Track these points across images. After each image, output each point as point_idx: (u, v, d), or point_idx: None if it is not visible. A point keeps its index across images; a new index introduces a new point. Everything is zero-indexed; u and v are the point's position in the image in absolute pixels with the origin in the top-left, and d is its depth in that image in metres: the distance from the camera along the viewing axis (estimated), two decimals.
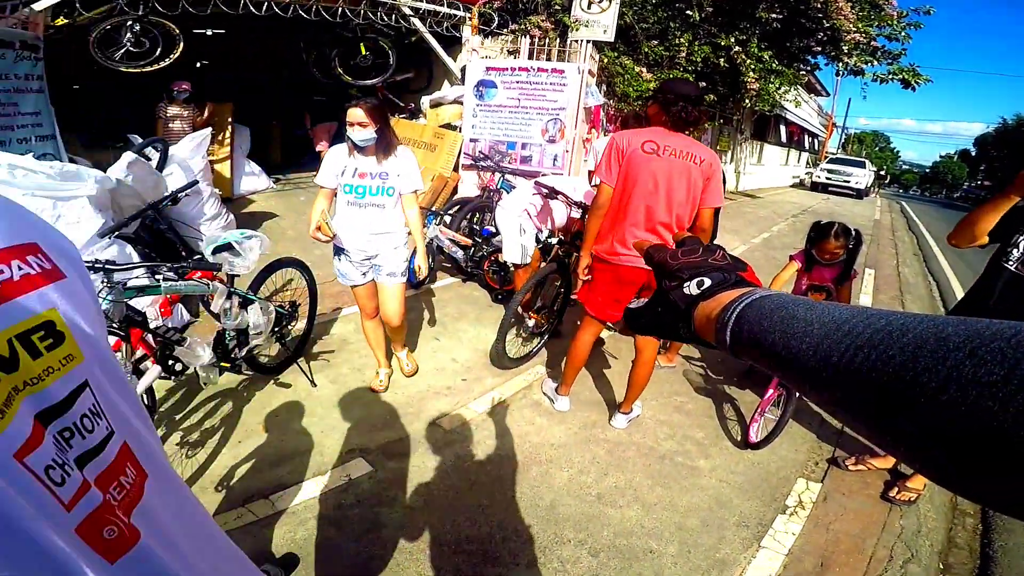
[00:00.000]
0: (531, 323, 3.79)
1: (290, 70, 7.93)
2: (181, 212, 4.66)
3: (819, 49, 9.90)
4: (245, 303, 2.88)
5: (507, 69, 6.01)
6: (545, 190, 3.76)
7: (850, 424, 0.39)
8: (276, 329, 3.20)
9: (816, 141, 29.31)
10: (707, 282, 0.58)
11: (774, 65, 8.81)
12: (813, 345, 0.39)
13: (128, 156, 3.60)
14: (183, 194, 3.57)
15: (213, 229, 4.87)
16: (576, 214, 3.78)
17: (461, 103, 6.57)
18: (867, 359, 0.35)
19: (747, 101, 9.53)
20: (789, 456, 3.05)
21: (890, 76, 9.58)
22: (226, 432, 2.84)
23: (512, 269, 4.21)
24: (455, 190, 6.61)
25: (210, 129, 4.94)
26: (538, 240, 3.95)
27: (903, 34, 9.30)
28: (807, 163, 26.95)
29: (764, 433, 2.97)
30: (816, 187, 20.23)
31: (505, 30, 6.84)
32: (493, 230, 4.77)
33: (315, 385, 3.32)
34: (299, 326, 3.62)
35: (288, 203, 6.73)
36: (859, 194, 19.95)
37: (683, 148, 2.58)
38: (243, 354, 2.91)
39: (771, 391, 3.09)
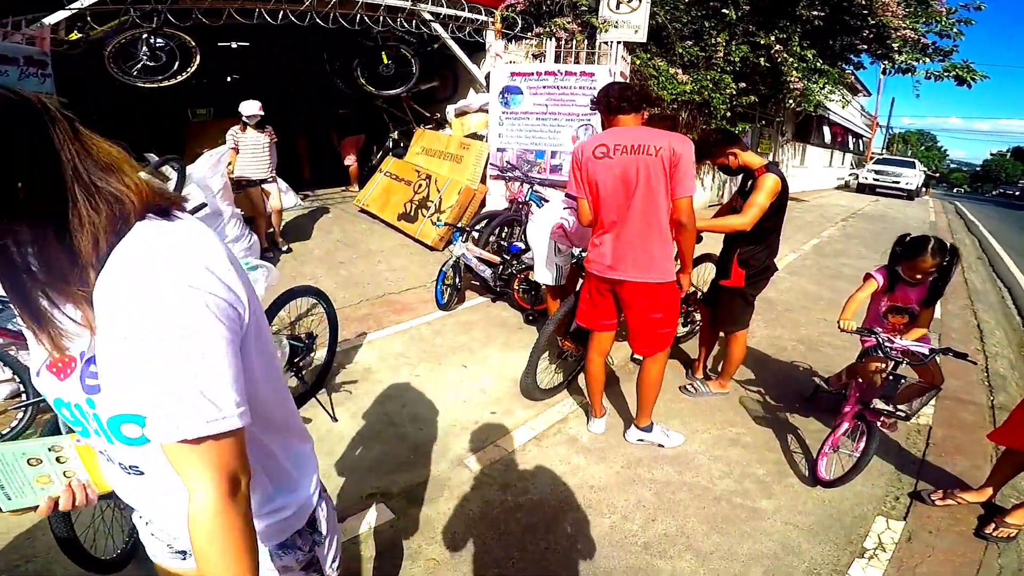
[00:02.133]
0: (564, 350, 3.46)
1: (316, 83, 7.87)
2: None
3: (864, 47, 9.54)
4: None
5: (533, 74, 5.74)
6: (575, 203, 3.46)
7: None
8: (292, 363, 2.99)
9: (860, 142, 28.20)
10: None
11: (818, 64, 8.37)
12: None
13: (143, 177, 3.46)
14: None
15: (236, 251, 4.73)
16: None
17: (487, 111, 6.34)
18: None
19: (790, 101, 9.07)
20: (865, 492, 2.70)
21: (944, 73, 9.29)
22: None
23: (544, 288, 3.90)
24: (483, 203, 6.37)
25: (228, 146, 4.88)
26: (572, 256, 3.64)
27: (954, 30, 9.04)
28: (852, 164, 25.88)
29: (838, 470, 2.64)
30: (863, 189, 19.32)
31: (529, 33, 6.60)
32: (523, 246, 4.49)
33: (335, 420, 3.11)
34: (319, 355, 3.41)
35: (316, 221, 6.61)
36: (909, 195, 18.94)
37: (636, 142, 2.39)
38: None
39: (845, 423, 2.72)
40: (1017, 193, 49.13)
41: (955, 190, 52.82)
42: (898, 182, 18.82)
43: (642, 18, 5.88)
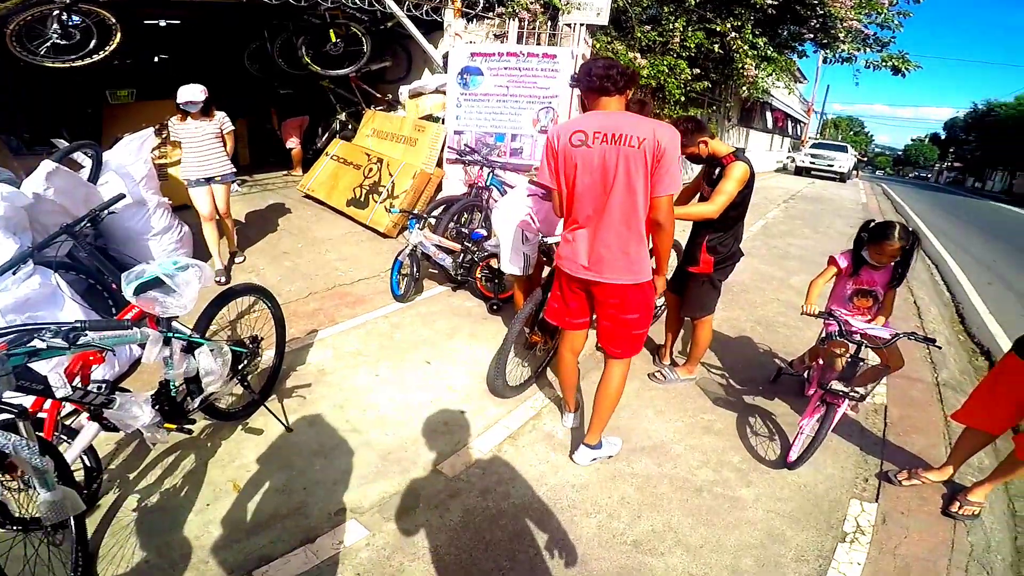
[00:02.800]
0: (532, 344, 3.33)
1: (256, 62, 7.31)
2: (124, 228, 4.09)
3: (811, 36, 9.84)
4: (191, 347, 2.38)
5: (494, 54, 5.50)
6: (542, 190, 3.29)
7: None
8: (236, 370, 2.69)
9: (798, 127, 29.39)
10: None
11: (768, 52, 8.54)
12: None
13: (47, 165, 3.02)
14: (106, 212, 2.92)
15: (164, 244, 4.33)
16: None
17: (443, 92, 6.05)
18: None
19: (744, 89, 9.22)
20: (836, 475, 2.75)
21: (882, 63, 9.77)
22: (190, 493, 2.41)
23: (510, 278, 3.73)
24: (439, 188, 6.11)
25: (152, 129, 4.33)
26: (539, 244, 3.49)
27: (895, 22, 9.43)
28: (789, 148, 26.92)
29: (801, 450, 2.72)
30: (800, 171, 20.17)
31: (491, 13, 6.34)
32: (484, 233, 4.30)
33: (290, 429, 2.86)
34: (267, 356, 3.14)
35: (256, 208, 6.16)
36: (842, 178, 19.99)
37: (617, 131, 2.14)
38: (197, 405, 2.42)
39: (814, 410, 2.79)
40: (930, 176, 52.92)
41: (876, 172, 56.20)
42: (832, 165, 19.79)
43: (605, 1, 5.75)
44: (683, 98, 8.09)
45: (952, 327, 5.44)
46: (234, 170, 4.65)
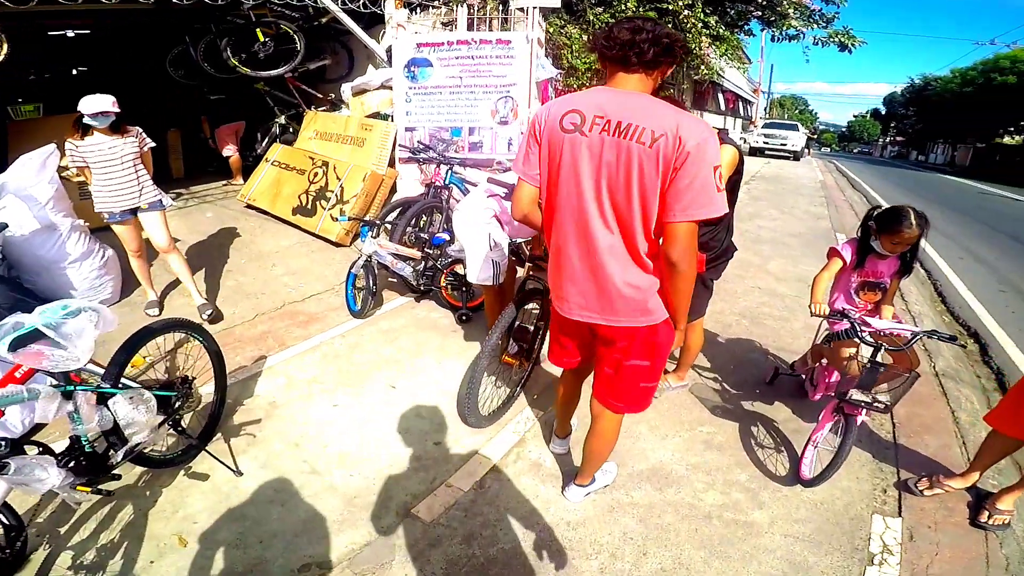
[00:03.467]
0: (505, 367, 2.94)
1: (181, 68, 6.69)
2: (35, 256, 3.56)
3: (758, 14, 9.75)
4: (103, 397, 1.98)
5: (443, 44, 5.08)
6: (503, 190, 2.93)
7: None
8: (167, 414, 2.29)
9: (748, 107, 29.85)
10: None
11: (720, 31, 8.38)
12: None
13: None
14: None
15: (85, 272, 3.81)
16: None
17: (390, 88, 5.61)
18: None
19: (703, 69, 9.06)
20: (852, 488, 2.52)
21: (828, 39, 9.81)
22: (131, 549, 2.10)
23: (479, 288, 3.35)
24: (393, 189, 5.68)
25: (54, 145, 3.73)
26: (509, 246, 3.13)
27: None
28: (741, 129, 27.28)
29: (817, 467, 2.44)
30: (754, 152, 20.39)
31: (436, 1, 5.91)
32: (447, 237, 3.92)
33: (240, 473, 2.47)
34: (206, 391, 2.73)
35: (192, 223, 5.60)
36: (795, 156, 20.32)
37: (625, 117, 1.56)
38: (121, 458, 2.05)
39: (827, 422, 2.51)
40: (874, 151, 54.88)
41: (823, 149, 57.97)
42: (785, 144, 20.10)
43: None
44: None
45: (934, 307, 5.35)
46: (162, 194, 3.82)
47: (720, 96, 20.94)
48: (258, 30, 5.81)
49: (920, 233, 2.44)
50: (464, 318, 3.91)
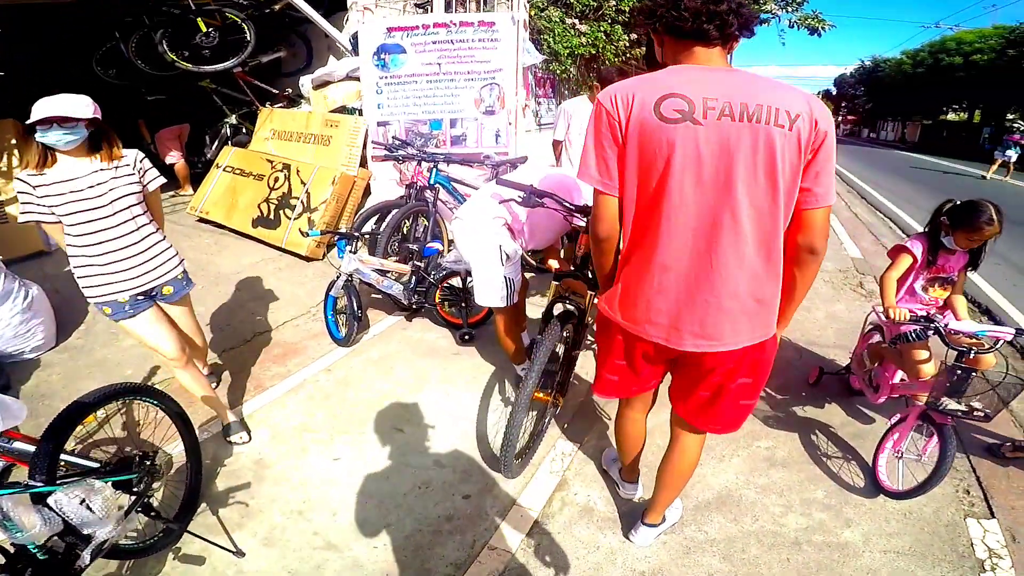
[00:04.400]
0: (536, 404, 2.45)
1: (112, 67, 5.89)
2: None
3: None
4: (38, 497, 1.54)
5: (417, 28, 4.51)
6: (518, 194, 2.27)
7: None
8: (131, 499, 1.83)
9: None
10: None
11: None
12: None
13: None
14: None
15: (5, 316, 3.12)
16: (581, 223, 2.44)
17: (357, 78, 5.01)
18: None
19: None
20: (935, 492, 2.24)
21: (799, 22, 9.74)
22: None
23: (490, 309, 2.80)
24: (367, 192, 5.10)
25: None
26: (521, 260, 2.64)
27: None
28: None
29: (908, 479, 2.27)
30: None
31: None
32: (439, 246, 3.39)
33: (242, 554, 1.98)
34: (176, 451, 2.18)
35: None
36: None
37: (753, 99, 1.26)
38: (90, 560, 1.63)
39: (908, 429, 2.30)
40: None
41: None
42: None
43: None
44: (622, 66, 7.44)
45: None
46: (184, 266, 2.55)
47: None
48: (199, 20, 5.12)
49: (1000, 229, 2.28)
50: (466, 337, 3.40)
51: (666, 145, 1.29)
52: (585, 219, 2.25)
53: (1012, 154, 13.17)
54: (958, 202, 2.41)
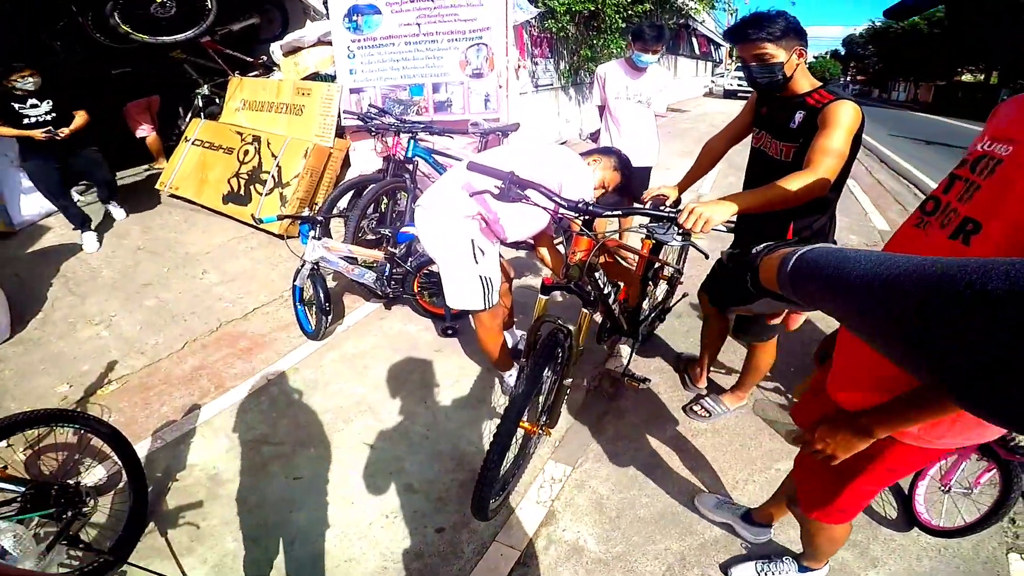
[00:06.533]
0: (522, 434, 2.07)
1: (76, 43, 5.43)
2: None
3: None
4: None
5: None
6: (493, 183, 1.74)
7: (885, 342, 0.43)
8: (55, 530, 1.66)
9: (719, 51, 29.18)
10: (771, 244, 0.73)
11: None
12: (864, 270, 0.45)
13: None
14: None
15: None
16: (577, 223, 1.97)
17: (329, 43, 4.55)
18: (909, 275, 0.40)
19: (694, 4, 8.14)
20: None
21: None
22: None
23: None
24: (346, 163, 4.70)
25: None
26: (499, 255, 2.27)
27: None
28: (711, 72, 26.57)
29: (953, 516, 1.97)
30: (728, 94, 19.72)
31: None
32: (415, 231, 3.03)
33: None
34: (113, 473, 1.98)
35: (102, 226, 4.53)
36: None
37: None
38: None
39: (961, 458, 1.93)
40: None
41: None
42: None
43: None
44: (623, 24, 6.90)
45: None
46: None
47: (694, 40, 20.05)
48: None
49: None
50: (449, 332, 3.07)
51: None
52: (582, 217, 1.83)
53: None
54: None
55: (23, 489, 1.69)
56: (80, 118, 3.95)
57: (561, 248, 2.43)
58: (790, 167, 1.77)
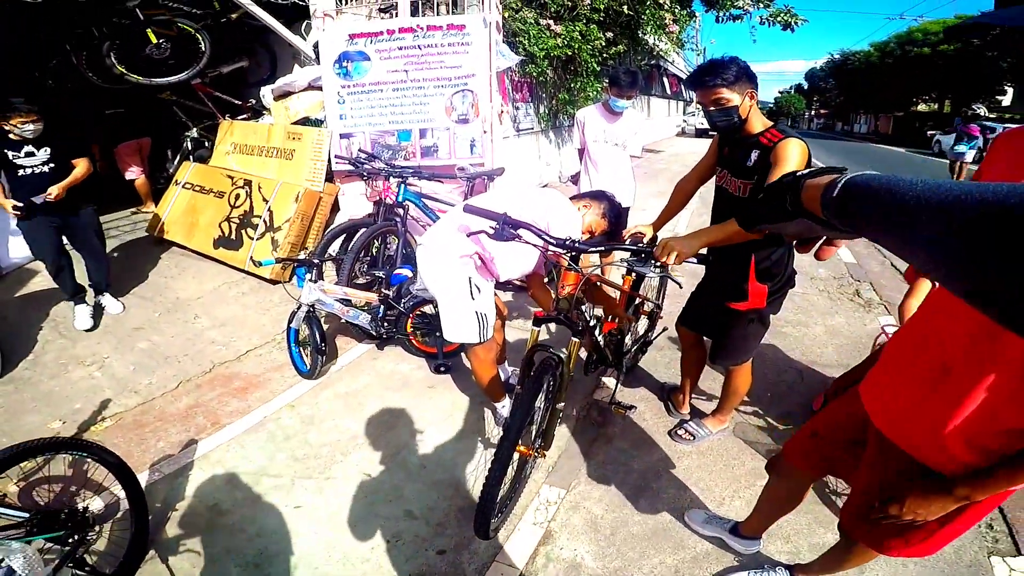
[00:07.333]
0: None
1: (67, 82, 5.57)
2: None
3: None
4: None
5: (382, 33, 4.27)
6: (489, 224, 1.87)
7: (942, 267, 0.43)
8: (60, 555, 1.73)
9: (690, 90, 30.22)
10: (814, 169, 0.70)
11: (676, 9, 7.97)
12: (920, 191, 0.45)
13: None
14: None
15: None
16: (564, 260, 2.12)
17: (320, 88, 4.76)
18: (970, 195, 0.39)
19: (664, 40, 8.58)
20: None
21: (771, 18, 9.67)
22: None
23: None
24: (335, 208, 4.85)
25: None
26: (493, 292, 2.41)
27: None
28: (683, 111, 27.46)
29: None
30: (700, 133, 20.35)
31: None
32: (409, 273, 3.16)
33: None
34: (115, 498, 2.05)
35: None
36: None
37: None
38: None
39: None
40: (801, 124, 57.19)
41: None
42: None
43: None
44: (598, 67, 7.27)
45: None
46: None
47: (665, 80, 20.81)
48: (148, 31, 4.83)
49: None
50: (442, 369, 3.18)
51: None
52: (569, 254, 2.00)
53: (966, 151, 10.18)
54: None
55: (29, 514, 1.75)
56: (81, 168, 3.62)
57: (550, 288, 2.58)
58: (747, 203, 1.96)
